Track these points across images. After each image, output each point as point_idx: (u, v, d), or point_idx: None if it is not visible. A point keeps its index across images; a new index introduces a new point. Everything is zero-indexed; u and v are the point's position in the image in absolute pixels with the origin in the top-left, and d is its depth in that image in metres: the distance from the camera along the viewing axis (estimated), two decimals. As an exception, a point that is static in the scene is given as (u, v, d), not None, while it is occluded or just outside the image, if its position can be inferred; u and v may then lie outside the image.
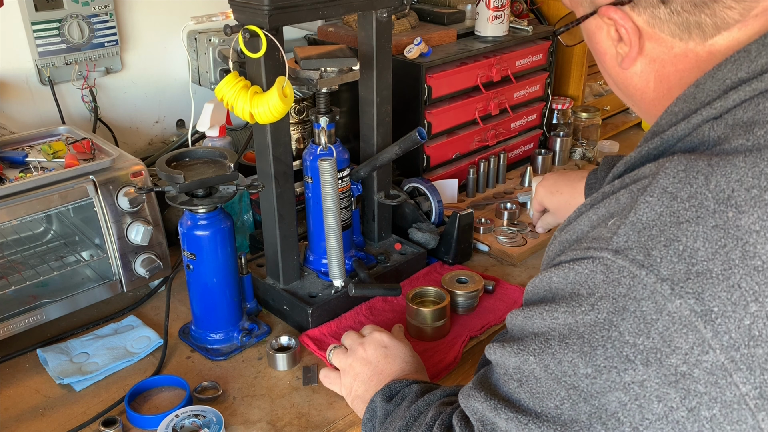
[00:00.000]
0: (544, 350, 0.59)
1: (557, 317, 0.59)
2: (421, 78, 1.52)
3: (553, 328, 0.59)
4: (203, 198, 1.11)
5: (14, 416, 1.04)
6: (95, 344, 1.18)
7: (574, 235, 0.64)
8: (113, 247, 1.21)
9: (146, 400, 1.08)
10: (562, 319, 0.58)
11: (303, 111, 1.52)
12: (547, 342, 0.59)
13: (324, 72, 1.15)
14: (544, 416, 0.58)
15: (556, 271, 0.61)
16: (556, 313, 0.59)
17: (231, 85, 1.06)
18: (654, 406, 0.53)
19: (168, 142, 1.71)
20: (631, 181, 0.61)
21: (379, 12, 1.21)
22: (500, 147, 1.79)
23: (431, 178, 1.61)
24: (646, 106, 0.73)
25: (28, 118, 1.48)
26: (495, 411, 0.62)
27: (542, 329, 0.60)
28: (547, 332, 0.59)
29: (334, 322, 1.23)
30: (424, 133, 1.16)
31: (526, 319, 0.62)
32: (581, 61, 1.95)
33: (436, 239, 1.42)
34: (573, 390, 0.56)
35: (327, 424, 1.02)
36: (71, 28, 1.45)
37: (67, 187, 1.15)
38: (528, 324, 0.62)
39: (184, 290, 1.27)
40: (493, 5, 1.65)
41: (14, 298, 1.17)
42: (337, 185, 1.13)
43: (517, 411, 0.60)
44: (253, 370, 1.14)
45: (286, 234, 1.23)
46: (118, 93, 1.61)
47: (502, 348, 0.64)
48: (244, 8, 1.07)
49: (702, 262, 0.53)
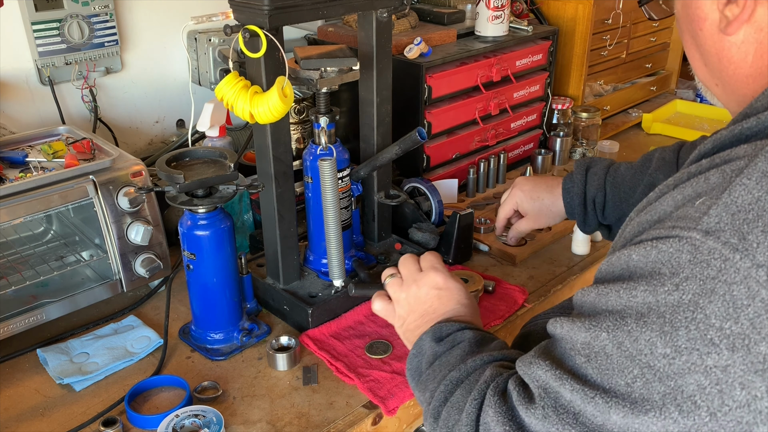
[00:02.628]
0: (618, 327, 0.57)
1: (636, 295, 0.57)
2: (421, 78, 1.52)
3: (630, 306, 0.57)
4: (203, 198, 1.11)
5: (14, 416, 1.04)
6: (95, 344, 1.18)
7: (656, 215, 0.61)
8: (113, 247, 1.21)
9: (146, 400, 1.08)
10: (641, 297, 0.56)
11: (303, 111, 1.52)
12: (623, 319, 0.57)
13: (324, 72, 1.15)
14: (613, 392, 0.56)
15: (636, 249, 0.58)
16: (635, 291, 0.57)
17: (231, 85, 1.06)
18: (736, 392, 0.51)
19: (168, 142, 1.71)
20: (722, 162, 0.58)
21: (379, 12, 1.21)
22: (500, 147, 1.79)
23: (431, 178, 1.61)
24: (736, 83, 0.69)
25: (28, 118, 1.48)
26: (560, 381, 0.60)
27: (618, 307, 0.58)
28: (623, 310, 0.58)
29: (334, 322, 1.23)
30: (424, 133, 1.16)
31: (600, 296, 0.60)
32: (581, 61, 1.95)
33: (436, 239, 1.42)
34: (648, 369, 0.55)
35: (327, 424, 1.02)
36: (71, 28, 1.45)
37: (67, 187, 1.15)
38: (602, 301, 0.60)
39: (184, 290, 1.27)
40: (493, 5, 1.65)
41: (14, 298, 1.17)
42: (337, 185, 1.13)
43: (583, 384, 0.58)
44: (253, 370, 1.14)
45: (286, 234, 1.23)
46: (118, 93, 1.61)
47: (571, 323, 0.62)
48: (244, 8, 1.07)
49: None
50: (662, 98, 2.41)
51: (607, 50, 2.04)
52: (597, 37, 1.96)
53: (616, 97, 2.20)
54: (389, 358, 1.16)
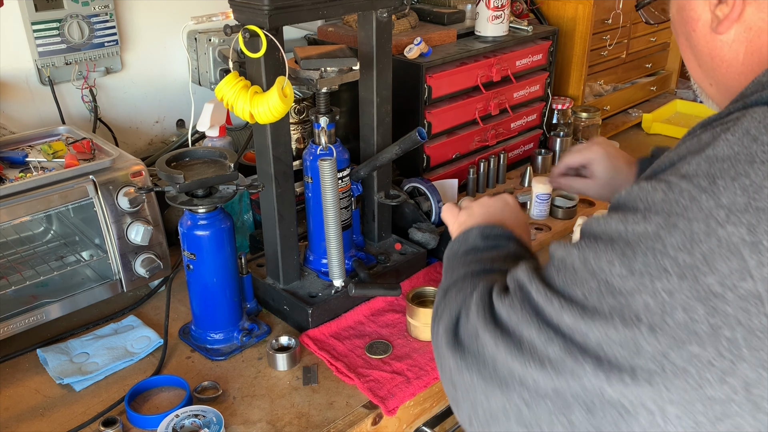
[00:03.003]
0: (589, 247, 0.63)
1: (610, 224, 0.62)
2: (421, 78, 1.52)
3: (605, 232, 0.62)
4: (203, 198, 1.11)
5: (14, 416, 1.04)
6: (95, 344, 1.18)
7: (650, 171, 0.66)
8: (113, 247, 1.21)
9: (146, 400, 1.08)
10: (614, 225, 0.61)
11: (303, 111, 1.52)
12: (595, 241, 0.62)
13: (324, 72, 1.15)
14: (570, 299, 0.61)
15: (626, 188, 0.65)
16: (611, 220, 0.62)
17: (231, 85, 1.06)
18: (677, 314, 0.55)
19: (168, 142, 1.71)
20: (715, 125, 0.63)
21: (379, 12, 1.21)
22: (500, 147, 1.79)
23: (431, 178, 1.61)
24: (729, 82, 0.72)
25: (28, 118, 1.48)
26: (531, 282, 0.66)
27: (596, 232, 0.64)
28: (598, 234, 0.63)
29: (334, 322, 1.23)
30: (424, 133, 1.16)
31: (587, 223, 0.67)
32: (581, 61, 1.95)
33: (436, 239, 1.42)
34: (604, 284, 0.59)
35: (327, 424, 1.02)
36: (71, 28, 1.45)
37: (67, 187, 1.15)
38: (587, 227, 0.66)
39: (184, 290, 1.27)
40: (493, 5, 1.65)
41: (14, 298, 1.17)
42: (337, 185, 1.13)
43: (548, 288, 0.64)
44: (253, 370, 1.14)
45: (286, 234, 1.23)
46: (118, 93, 1.61)
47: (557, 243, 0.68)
48: (244, 8, 1.07)
49: (765, 199, 0.55)
50: (662, 98, 2.41)
51: (607, 50, 2.04)
52: (597, 37, 1.96)
53: (616, 97, 2.20)
54: (389, 358, 1.16)
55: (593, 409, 0.58)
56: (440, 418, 1.24)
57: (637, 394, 0.55)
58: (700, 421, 0.55)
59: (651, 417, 0.56)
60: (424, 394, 1.12)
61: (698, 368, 0.54)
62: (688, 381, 0.54)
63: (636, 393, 0.55)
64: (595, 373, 0.57)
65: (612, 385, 0.56)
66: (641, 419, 0.56)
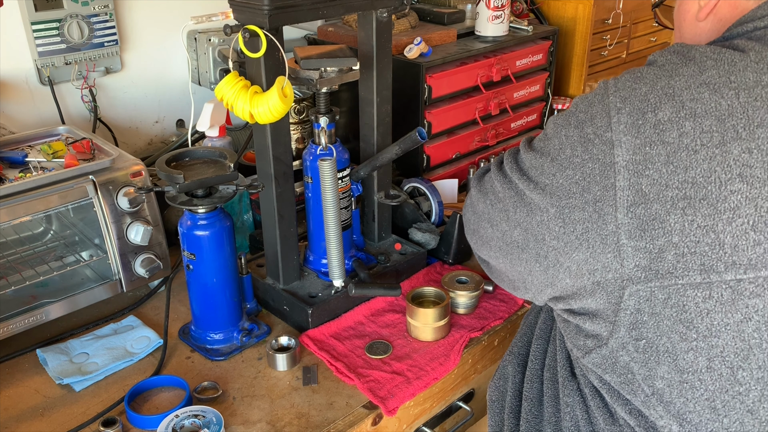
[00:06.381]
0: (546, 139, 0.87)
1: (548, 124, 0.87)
2: (421, 78, 1.52)
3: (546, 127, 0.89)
4: (203, 198, 1.11)
5: (14, 416, 1.04)
6: (95, 344, 1.18)
7: None
8: (113, 247, 1.21)
9: (146, 400, 1.08)
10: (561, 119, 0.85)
11: (303, 111, 1.52)
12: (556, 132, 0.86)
13: (324, 72, 1.15)
14: (528, 177, 0.85)
15: None
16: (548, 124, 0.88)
17: (231, 85, 1.06)
18: (566, 149, 0.80)
19: (168, 142, 1.71)
20: None
21: (379, 12, 1.21)
22: (500, 147, 1.79)
23: (431, 178, 1.61)
24: None
25: (27, 118, 1.48)
26: (520, 149, 0.90)
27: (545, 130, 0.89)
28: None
29: (334, 322, 1.23)
30: (424, 133, 1.16)
31: None
32: (581, 61, 1.95)
33: (436, 239, 1.42)
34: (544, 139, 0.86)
35: (327, 424, 1.02)
36: (71, 28, 1.45)
37: (67, 187, 1.15)
38: None
39: (184, 290, 1.27)
40: (493, 5, 1.65)
41: (14, 298, 1.17)
42: (337, 185, 1.13)
43: (520, 170, 0.87)
44: (253, 370, 1.14)
45: (286, 234, 1.23)
46: (117, 93, 1.61)
47: None
48: (244, 8, 1.07)
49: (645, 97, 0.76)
50: (662, 98, 2.40)
51: (607, 50, 2.03)
52: (597, 37, 1.96)
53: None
54: (389, 358, 1.16)
55: (518, 206, 0.86)
56: (440, 419, 1.24)
57: (538, 199, 0.82)
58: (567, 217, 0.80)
59: (541, 213, 0.82)
60: (424, 394, 1.12)
61: (570, 184, 0.78)
62: (564, 192, 0.79)
63: (538, 197, 0.82)
64: (525, 185, 0.84)
65: (530, 191, 0.83)
66: (536, 214, 0.83)
